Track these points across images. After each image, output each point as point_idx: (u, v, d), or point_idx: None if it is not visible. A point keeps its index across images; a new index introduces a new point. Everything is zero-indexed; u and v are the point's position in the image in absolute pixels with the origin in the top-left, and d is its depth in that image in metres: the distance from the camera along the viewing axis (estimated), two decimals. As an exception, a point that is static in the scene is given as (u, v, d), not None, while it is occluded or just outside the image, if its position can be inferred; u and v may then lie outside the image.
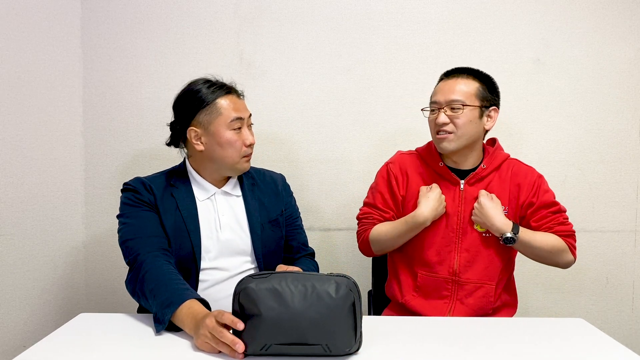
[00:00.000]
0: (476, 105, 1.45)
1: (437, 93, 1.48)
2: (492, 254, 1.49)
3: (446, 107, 1.45)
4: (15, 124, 1.75)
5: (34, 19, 1.82)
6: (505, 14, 2.05)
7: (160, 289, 1.18)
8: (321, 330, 0.97)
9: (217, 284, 1.38)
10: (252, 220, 1.44)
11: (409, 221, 1.47)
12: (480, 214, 1.46)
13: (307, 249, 1.57)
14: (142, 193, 1.37)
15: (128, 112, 2.05)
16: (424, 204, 1.46)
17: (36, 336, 1.50)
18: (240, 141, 1.38)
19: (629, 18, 2.06)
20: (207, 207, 1.42)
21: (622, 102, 2.08)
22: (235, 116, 1.36)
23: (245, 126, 1.40)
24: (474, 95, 1.45)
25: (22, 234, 1.79)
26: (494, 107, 1.50)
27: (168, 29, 2.03)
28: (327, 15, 2.04)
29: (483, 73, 1.51)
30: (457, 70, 1.50)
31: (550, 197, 1.51)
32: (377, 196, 1.58)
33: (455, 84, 1.46)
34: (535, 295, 2.15)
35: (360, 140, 2.08)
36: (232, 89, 1.41)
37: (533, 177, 1.52)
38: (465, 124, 1.44)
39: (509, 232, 1.42)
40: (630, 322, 2.15)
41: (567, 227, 1.49)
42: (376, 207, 1.57)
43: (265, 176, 1.55)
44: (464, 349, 1.08)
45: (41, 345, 1.07)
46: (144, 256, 1.27)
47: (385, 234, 1.51)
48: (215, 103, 1.36)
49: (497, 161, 1.53)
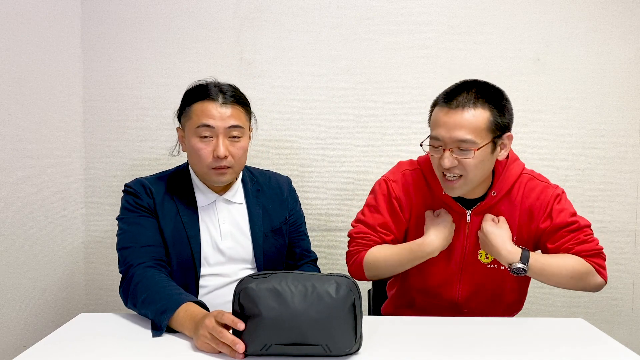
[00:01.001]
0: (488, 142, 1.21)
1: (440, 127, 1.21)
2: (499, 286, 1.35)
3: (452, 146, 1.21)
4: (15, 124, 1.75)
5: (34, 19, 1.82)
6: (505, 14, 2.05)
7: (153, 297, 1.17)
8: (321, 331, 0.97)
9: (217, 289, 1.37)
10: (255, 229, 1.41)
11: (414, 249, 1.30)
12: (484, 244, 1.29)
13: (310, 254, 1.55)
14: (142, 197, 1.35)
15: (128, 112, 2.05)
16: (433, 232, 1.28)
17: (36, 336, 1.49)
18: (205, 150, 1.29)
19: (629, 18, 2.06)
20: (208, 213, 1.39)
21: (622, 102, 2.08)
22: (202, 123, 1.28)
23: (221, 136, 1.29)
24: (486, 129, 1.19)
25: (22, 234, 1.79)
26: (507, 133, 1.25)
27: (168, 29, 2.03)
28: (327, 15, 2.04)
29: (492, 91, 1.23)
30: (461, 90, 1.22)
31: (565, 217, 1.30)
32: (376, 217, 1.38)
33: (462, 118, 1.18)
34: (535, 295, 2.15)
35: (360, 140, 2.08)
36: (215, 94, 1.30)
37: (546, 199, 1.31)
38: (477, 166, 1.21)
39: (517, 261, 1.23)
40: (630, 322, 2.15)
41: (591, 244, 1.29)
42: (375, 229, 1.38)
43: (271, 180, 1.51)
44: (464, 349, 1.08)
45: (41, 345, 1.07)
46: (135, 268, 1.25)
47: (385, 260, 1.33)
48: (191, 107, 1.32)
49: (509, 183, 1.32)
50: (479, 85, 1.23)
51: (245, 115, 1.36)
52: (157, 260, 1.29)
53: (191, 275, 1.35)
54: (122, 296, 1.27)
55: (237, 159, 1.33)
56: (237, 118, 1.31)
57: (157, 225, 1.34)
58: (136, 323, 1.20)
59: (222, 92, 1.32)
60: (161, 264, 1.30)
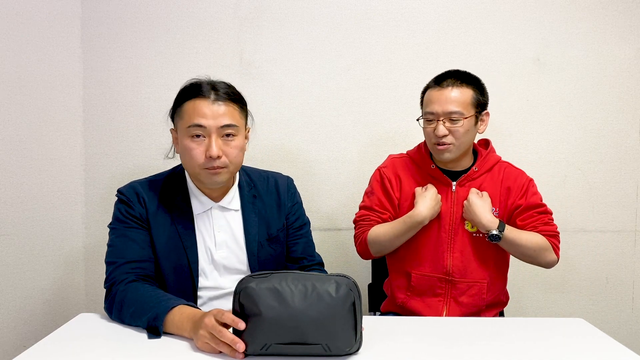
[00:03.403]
0: (472, 114, 1.48)
1: (433, 103, 1.48)
2: (483, 253, 1.52)
3: (444, 118, 1.46)
4: (15, 124, 1.75)
5: (34, 19, 1.82)
6: (505, 14, 2.05)
7: (142, 308, 1.14)
8: (321, 330, 0.97)
9: (214, 300, 1.35)
10: (249, 238, 1.36)
11: (407, 221, 1.49)
12: (468, 211, 1.49)
13: (314, 258, 1.48)
14: (134, 206, 1.30)
15: (128, 112, 2.05)
16: (421, 203, 1.49)
17: (36, 336, 1.50)
18: (198, 150, 1.24)
19: (629, 18, 2.06)
20: (203, 221, 1.34)
21: (622, 102, 2.08)
22: (193, 123, 1.23)
23: (213, 136, 1.23)
24: (470, 104, 1.47)
25: (22, 234, 1.79)
26: (485, 111, 1.53)
27: (168, 29, 2.03)
28: (327, 15, 2.04)
29: (473, 76, 1.52)
30: (448, 76, 1.50)
31: (537, 199, 1.54)
32: (373, 199, 1.60)
33: (450, 93, 1.46)
34: (535, 295, 2.15)
35: (361, 140, 2.08)
36: (206, 92, 1.25)
37: (522, 180, 1.55)
38: (464, 134, 1.47)
39: (494, 229, 1.44)
40: (630, 322, 2.15)
41: (552, 227, 1.52)
42: (373, 210, 1.59)
43: (269, 183, 1.44)
44: (464, 349, 1.08)
45: (41, 345, 1.07)
46: (118, 285, 1.22)
47: (384, 234, 1.52)
48: (182, 106, 1.26)
49: (489, 164, 1.56)
50: (462, 72, 1.53)
51: (240, 113, 1.30)
52: (142, 276, 1.26)
53: (189, 286, 1.32)
54: (108, 313, 1.23)
55: (231, 158, 1.26)
56: (230, 116, 1.25)
57: (149, 236, 1.30)
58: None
59: (215, 89, 1.26)
60: (147, 279, 1.26)
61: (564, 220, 2.10)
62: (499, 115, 2.04)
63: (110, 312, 1.22)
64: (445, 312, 1.52)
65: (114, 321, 1.21)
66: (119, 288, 1.21)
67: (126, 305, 1.17)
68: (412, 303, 1.54)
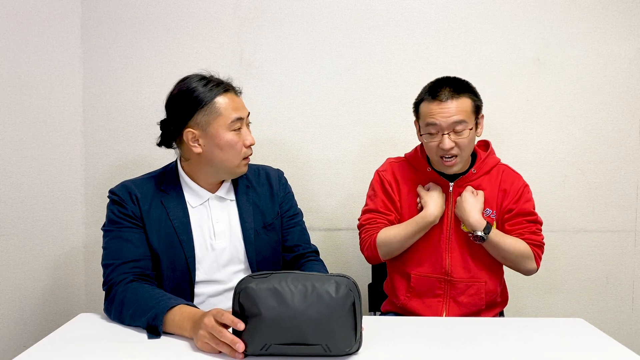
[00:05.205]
0: (474, 122, 1.47)
1: (435, 115, 1.44)
2: (480, 253, 1.52)
3: (448, 130, 1.43)
4: (15, 124, 1.75)
5: (34, 19, 1.82)
6: (505, 14, 2.05)
7: (142, 308, 1.15)
8: (321, 330, 0.97)
9: (212, 297, 1.35)
10: (245, 226, 1.38)
11: (419, 221, 1.49)
12: (458, 207, 1.49)
13: (309, 246, 1.51)
14: (127, 205, 1.31)
15: (128, 112, 2.05)
16: (431, 203, 1.49)
17: (36, 336, 1.50)
18: (240, 142, 1.32)
19: (629, 18, 2.06)
20: (200, 214, 1.36)
21: (622, 102, 2.08)
22: (236, 116, 1.30)
23: (244, 126, 1.34)
24: (471, 111, 1.46)
25: (22, 234, 1.79)
26: (481, 114, 1.52)
27: (168, 29, 2.03)
28: (327, 15, 2.04)
29: (465, 82, 1.49)
30: (442, 85, 1.46)
31: (529, 207, 1.54)
32: (377, 201, 1.59)
33: (453, 105, 1.43)
34: (535, 295, 2.15)
35: (361, 140, 2.08)
36: (230, 86, 1.34)
37: (519, 185, 1.55)
38: (468, 144, 1.46)
39: (479, 230, 1.44)
40: (630, 322, 2.15)
41: (538, 237, 1.52)
42: (378, 212, 1.58)
43: (260, 175, 1.48)
44: (463, 349, 1.08)
45: (41, 345, 1.07)
46: (117, 286, 1.22)
47: (395, 236, 1.51)
48: (213, 103, 1.28)
49: (487, 166, 1.55)
50: (454, 79, 1.49)
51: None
52: (140, 276, 1.26)
53: (186, 281, 1.33)
54: (107, 314, 1.23)
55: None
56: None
57: (144, 234, 1.30)
58: (136, 323, 1.20)
59: (232, 86, 1.35)
60: (145, 279, 1.26)
61: (564, 220, 2.11)
62: (499, 115, 2.05)
63: (110, 313, 1.22)
64: (445, 312, 1.52)
65: (114, 322, 1.21)
66: (118, 289, 1.22)
67: (125, 306, 1.17)
68: (412, 304, 1.54)
